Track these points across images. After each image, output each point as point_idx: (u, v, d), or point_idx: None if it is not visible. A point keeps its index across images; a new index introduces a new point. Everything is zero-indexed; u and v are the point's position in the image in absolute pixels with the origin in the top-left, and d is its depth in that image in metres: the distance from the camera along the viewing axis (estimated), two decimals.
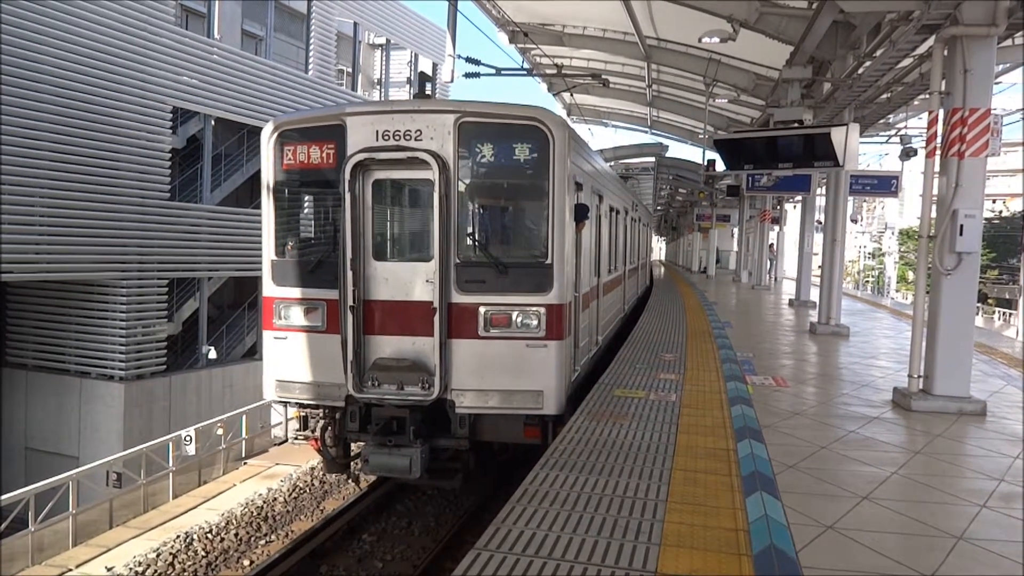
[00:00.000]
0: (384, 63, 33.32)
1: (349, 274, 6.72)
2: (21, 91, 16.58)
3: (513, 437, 7.01)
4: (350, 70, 30.66)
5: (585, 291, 8.31)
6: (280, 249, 7.23)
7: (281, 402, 7.47)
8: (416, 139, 6.66)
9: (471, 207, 6.98)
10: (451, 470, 7.23)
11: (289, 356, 7.11)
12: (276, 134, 7.10)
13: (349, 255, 6.72)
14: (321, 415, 7.26)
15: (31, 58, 16.80)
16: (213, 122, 22.73)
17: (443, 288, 6.61)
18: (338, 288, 6.77)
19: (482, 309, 6.67)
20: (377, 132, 6.71)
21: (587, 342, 8.59)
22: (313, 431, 7.34)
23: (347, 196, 6.69)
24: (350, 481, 9.00)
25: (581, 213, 7.43)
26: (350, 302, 6.72)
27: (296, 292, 7.07)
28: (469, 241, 6.81)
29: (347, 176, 6.67)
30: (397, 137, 6.68)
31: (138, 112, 19.46)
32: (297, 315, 7.07)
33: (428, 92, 7.67)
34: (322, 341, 6.93)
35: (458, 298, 6.65)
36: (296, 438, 8.17)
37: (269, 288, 7.22)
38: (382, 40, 32.61)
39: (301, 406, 7.32)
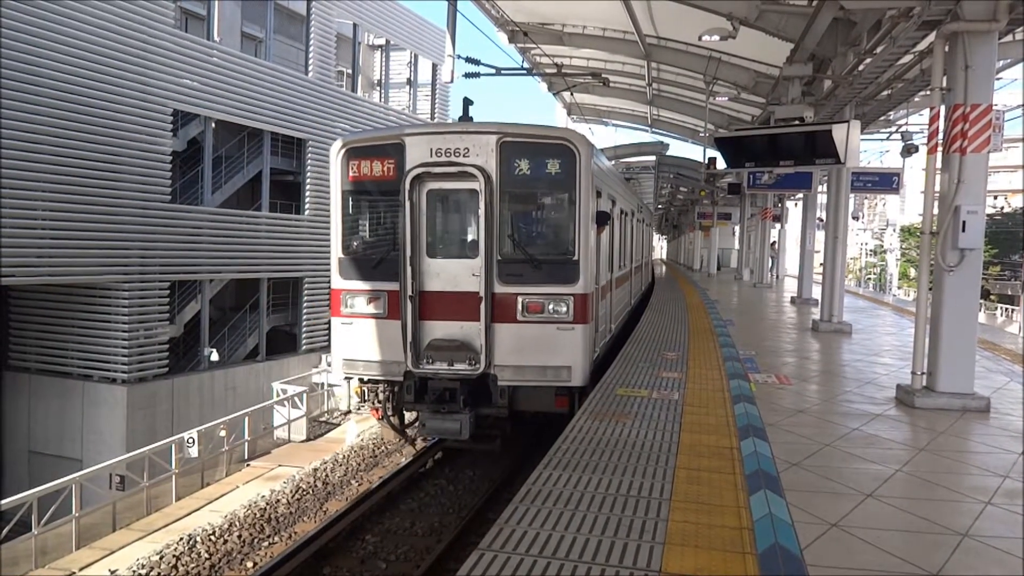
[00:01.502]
0: (384, 64, 33.35)
1: (408, 269, 7.97)
2: (22, 95, 16.60)
3: (545, 406, 8.22)
4: (350, 71, 30.69)
5: (602, 284, 9.40)
6: (346, 248, 8.44)
7: (347, 377, 8.68)
8: (464, 156, 7.89)
9: (510, 212, 8.09)
10: (491, 435, 8.56)
11: (354, 339, 8.34)
12: (344, 151, 8.31)
13: (409, 253, 7.96)
14: (381, 389, 8.49)
15: (31, 62, 16.82)
16: (213, 124, 22.75)
17: (488, 281, 7.86)
18: (398, 281, 8.02)
19: (520, 298, 7.92)
20: (431, 150, 7.95)
21: (604, 328, 9.67)
22: (376, 402, 8.62)
23: (407, 203, 7.92)
24: (405, 445, 10.68)
25: (602, 218, 8.55)
26: (409, 292, 7.98)
27: (361, 284, 8.31)
28: (509, 241, 8.00)
29: (407, 187, 7.90)
30: (448, 154, 7.92)
31: (138, 115, 19.48)
32: (361, 304, 8.30)
33: (471, 116, 8.85)
34: (384, 326, 8.19)
35: (500, 289, 7.90)
36: (359, 409, 10.42)
37: (337, 281, 8.45)
38: (382, 41, 32.64)
39: (363, 381, 8.54)
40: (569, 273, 7.98)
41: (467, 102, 8.95)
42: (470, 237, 8.27)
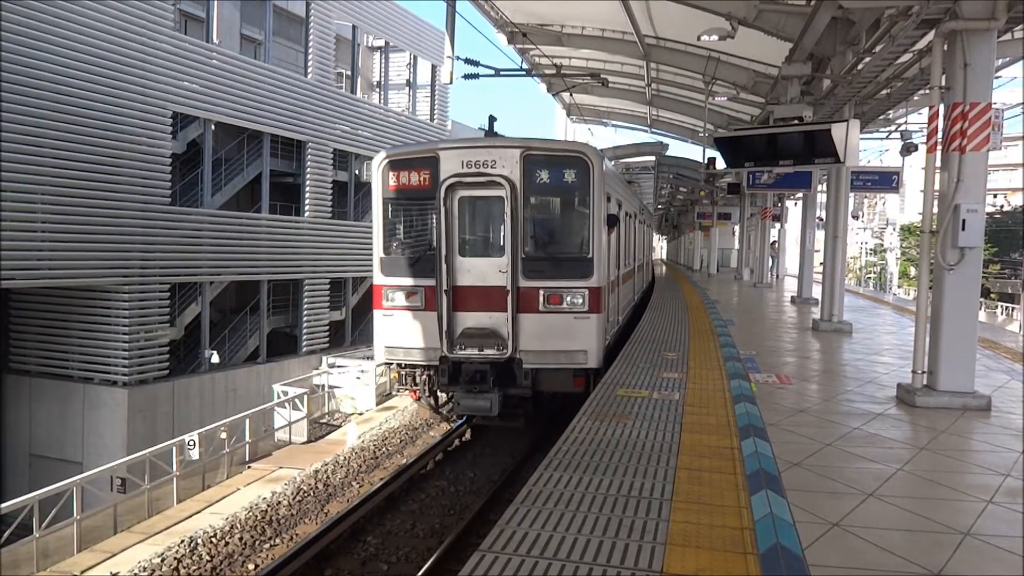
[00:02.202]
0: (383, 65, 33.36)
1: (444, 266, 8.94)
2: (22, 98, 16.62)
3: (564, 386, 9.15)
4: (349, 73, 30.70)
5: (612, 279, 10.36)
6: (387, 249, 9.49)
7: (387, 363, 9.70)
8: (491, 167, 8.90)
9: (532, 216, 9.13)
10: (516, 413, 9.62)
11: (394, 328, 9.38)
12: (385, 163, 9.35)
13: (444, 252, 8.93)
14: (418, 373, 9.49)
15: (31, 65, 16.85)
16: (213, 126, 22.77)
17: (513, 276, 8.86)
18: (434, 277, 9.02)
19: (541, 291, 8.93)
20: (463, 162, 8.96)
21: (613, 318, 10.63)
22: (414, 385, 9.65)
23: (442, 209, 8.90)
24: (441, 422, 12.24)
25: (612, 221, 9.51)
26: (444, 287, 8.96)
27: (400, 281, 9.33)
28: (532, 241, 9.08)
29: (442, 195, 8.90)
30: (478, 166, 8.93)
31: (138, 117, 19.51)
32: (401, 298, 9.32)
33: (496, 131, 10.00)
34: (421, 317, 9.21)
35: (524, 283, 8.90)
36: (399, 391, 12.25)
37: (379, 278, 9.48)
38: (381, 43, 32.66)
39: (403, 366, 9.56)
40: (584, 269, 9.01)
41: (492, 119, 9.96)
42: (497, 238, 9.23)
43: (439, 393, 10.25)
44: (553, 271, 8.98)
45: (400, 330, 9.34)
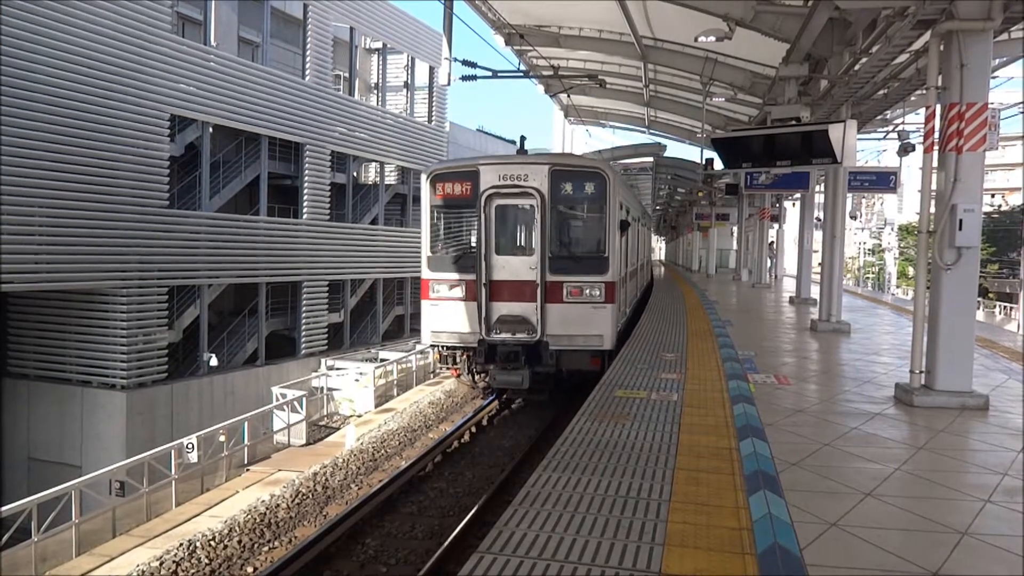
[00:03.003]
0: (381, 67, 33.37)
1: (483, 263, 10.57)
2: (19, 101, 16.61)
3: (584, 365, 10.73)
4: (347, 75, 30.71)
5: (622, 275, 11.86)
6: (433, 249, 11.19)
7: (433, 345, 11.49)
8: (524, 180, 10.52)
9: (557, 221, 10.70)
10: (542, 388, 11.27)
11: (439, 316, 11.04)
12: (432, 176, 11.05)
13: (483, 251, 10.57)
14: (459, 353, 11.30)
15: (28, 67, 16.84)
16: (211, 129, 22.76)
17: (541, 272, 10.46)
18: (474, 272, 10.63)
19: (565, 285, 10.53)
20: (499, 175, 10.60)
21: (623, 309, 12.25)
22: (455, 364, 11.61)
23: (482, 215, 10.54)
24: (479, 396, 14.00)
25: (623, 226, 11.21)
26: (483, 281, 10.59)
27: (444, 276, 10.96)
28: (557, 242, 10.66)
29: (482, 203, 10.56)
30: (512, 179, 10.56)
31: (136, 120, 19.51)
32: (444, 290, 10.95)
33: (525, 149, 11.88)
34: (463, 306, 10.84)
35: (550, 278, 10.50)
36: (441, 370, 14.48)
37: (426, 273, 11.18)
38: (378, 44, 32.67)
39: (446, 347, 11.30)
40: (601, 266, 10.62)
41: (523, 139, 11.66)
42: (527, 240, 10.85)
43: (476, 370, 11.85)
44: (575, 268, 10.59)
45: (444, 317, 10.98)
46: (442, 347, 11.33)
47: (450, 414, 13.96)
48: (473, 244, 10.78)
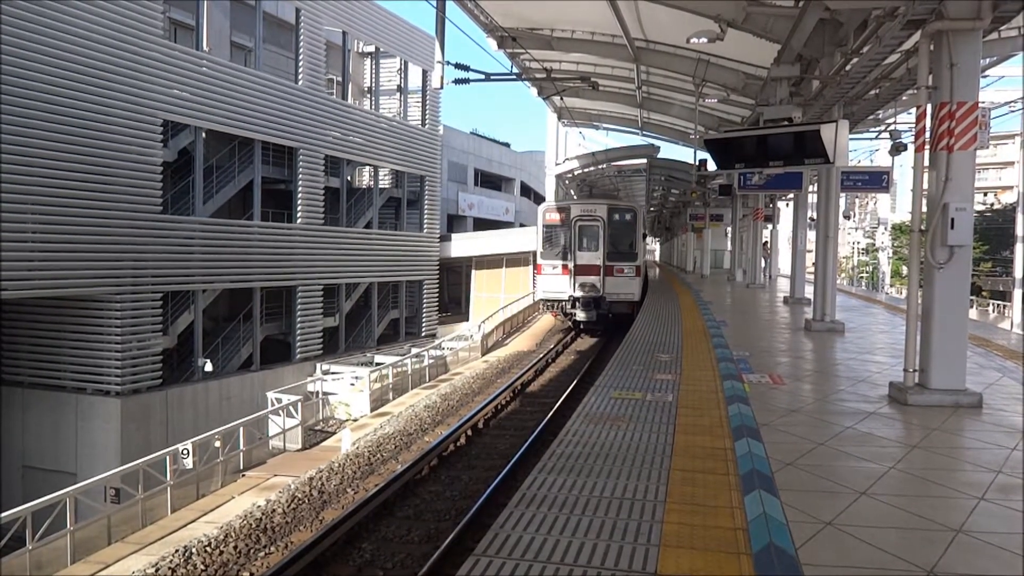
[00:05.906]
0: (374, 71, 33.36)
1: (572, 255, 20.01)
2: (10, 107, 16.54)
3: (624, 310, 19.63)
4: (340, 79, 30.68)
5: (644, 261, 21.02)
6: (544, 248, 20.44)
7: (542, 300, 21.39)
8: (593, 212, 20.11)
9: (611, 234, 19.98)
10: (601, 322, 20.61)
11: (547, 283, 20.53)
12: (545, 209, 20.89)
13: (574, 249, 20.01)
14: (556, 304, 20.64)
15: (21, 73, 16.77)
16: (204, 134, 22.71)
17: (603, 259, 19.94)
18: (570, 260, 20.07)
19: (615, 266, 19.94)
20: (581, 209, 20.36)
21: (643, 280, 21.21)
22: (555, 309, 21.08)
23: (575, 230, 20.02)
24: (570, 333, 22.96)
25: (644, 236, 20.79)
26: (572, 265, 19.99)
27: (550, 261, 20.35)
28: (611, 245, 19.97)
29: (573, 224, 20.02)
30: (589, 211, 20.20)
31: (129, 126, 19.44)
32: (550, 269, 20.33)
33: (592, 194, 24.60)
34: (562, 277, 20.15)
35: (607, 263, 19.95)
36: (546, 312, 24.04)
37: (540, 259, 20.63)
38: (371, 48, 32.66)
39: (550, 301, 20.83)
40: (634, 257, 20.17)
41: (590, 187, 22.55)
42: (596, 244, 19.97)
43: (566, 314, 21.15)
44: (620, 258, 19.99)
45: (550, 283, 20.39)
46: (549, 301, 20.71)
47: (446, 417, 13.96)
48: (567, 246, 20.01)
